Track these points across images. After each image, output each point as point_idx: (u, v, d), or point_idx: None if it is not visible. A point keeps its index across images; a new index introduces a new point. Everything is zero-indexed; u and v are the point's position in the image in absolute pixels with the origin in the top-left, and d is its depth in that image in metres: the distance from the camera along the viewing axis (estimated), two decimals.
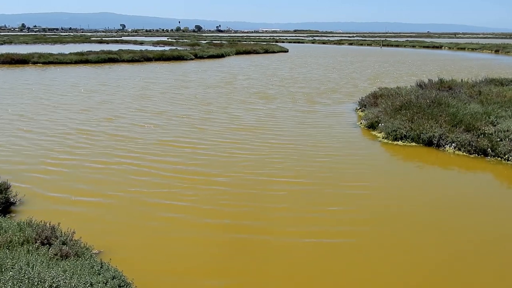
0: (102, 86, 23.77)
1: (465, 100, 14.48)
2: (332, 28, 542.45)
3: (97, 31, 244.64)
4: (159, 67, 36.38)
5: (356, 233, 6.85)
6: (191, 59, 44.21)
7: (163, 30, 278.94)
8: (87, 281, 4.54)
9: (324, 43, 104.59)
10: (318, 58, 51.35)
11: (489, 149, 10.71)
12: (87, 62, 38.14)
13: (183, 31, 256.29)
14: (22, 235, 5.63)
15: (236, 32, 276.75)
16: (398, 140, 12.05)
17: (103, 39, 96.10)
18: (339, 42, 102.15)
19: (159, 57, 42.60)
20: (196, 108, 17.44)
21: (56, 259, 5.19)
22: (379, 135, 12.79)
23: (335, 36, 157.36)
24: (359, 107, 17.21)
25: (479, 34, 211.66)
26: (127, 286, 4.92)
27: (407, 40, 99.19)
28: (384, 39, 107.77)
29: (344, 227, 7.03)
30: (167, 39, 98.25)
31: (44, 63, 36.83)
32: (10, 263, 4.67)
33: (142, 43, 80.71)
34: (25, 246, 5.37)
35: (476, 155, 10.81)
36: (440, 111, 12.81)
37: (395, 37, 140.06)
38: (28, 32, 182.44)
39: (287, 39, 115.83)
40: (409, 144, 11.86)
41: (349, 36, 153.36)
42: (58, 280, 4.35)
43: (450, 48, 74.88)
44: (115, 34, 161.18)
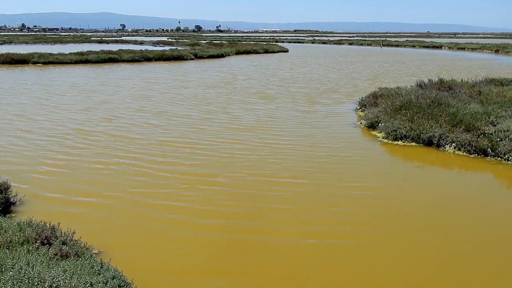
0: (102, 86, 23.77)
1: (465, 100, 14.48)
2: (332, 28, 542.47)
3: (97, 31, 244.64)
4: (159, 67, 36.36)
5: (356, 233, 6.85)
6: (191, 59, 44.21)
7: (163, 30, 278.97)
8: (87, 281, 4.54)
9: (324, 43, 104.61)
10: (318, 58, 51.34)
11: (489, 149, 10.71)
12: (87, 62, 38.15)
13: (183, 31, 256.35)
14: (22, 235, 5.63)
15: (236, 32, 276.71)
16: (398, 140, 12.06)
17: (103, 39, 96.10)
18: (339, 42, 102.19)
19: (159, 57, 42.59)
20: (196, 108, 17.44)
21: (56, 259, 5.19)
22: (379, 135, 12.79)
23: (335, 36, 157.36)
24: (359, 107, 17.21)
25: (479, 34, 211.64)
26: (127, 286, 4.92)
27: (407, 40, 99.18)
28: (384, 39, 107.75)
29: (344, 227, 7.03)
30: (167, 39, 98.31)
31: (44, 63, 36.81)
32: (10, 263, 4.67)
33: (142, 43, 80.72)
34: (25, 246, 5.37)
35: (476, 155, 10.81)
36: (440, 111, 12.81)
37: (395, 37, 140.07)
38: (28, 32, 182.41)
39: (287, 39, 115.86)
40: (409, 144, 11.86)
41: (349, 36, 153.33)
42: (58, 280, 4.35)
43: (450, 48, 74.87)
44: (115, 34, 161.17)
